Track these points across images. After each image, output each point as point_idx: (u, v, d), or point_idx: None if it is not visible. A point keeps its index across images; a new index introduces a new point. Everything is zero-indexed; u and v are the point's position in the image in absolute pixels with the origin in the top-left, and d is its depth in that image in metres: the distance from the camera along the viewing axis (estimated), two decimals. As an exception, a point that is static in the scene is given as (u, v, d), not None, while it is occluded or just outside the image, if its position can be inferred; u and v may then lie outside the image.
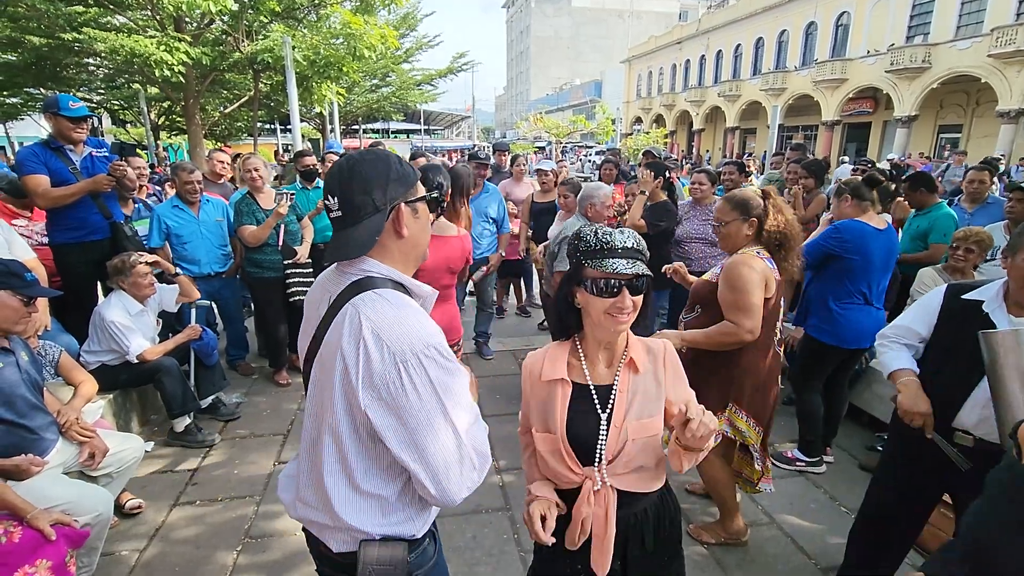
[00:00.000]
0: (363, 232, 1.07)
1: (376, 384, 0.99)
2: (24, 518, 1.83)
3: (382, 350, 0.98)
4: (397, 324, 1.01)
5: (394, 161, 1.11)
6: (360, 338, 0.99)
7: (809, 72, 26.84)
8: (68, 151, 3.30)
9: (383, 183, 1.07)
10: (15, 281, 2.06)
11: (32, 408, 2.12)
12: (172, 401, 3.21)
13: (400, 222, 1.10)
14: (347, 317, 1.02)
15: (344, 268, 1.11)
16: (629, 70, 46.52)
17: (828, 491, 2.95)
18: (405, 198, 1.10)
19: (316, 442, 1.11)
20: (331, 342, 1.04)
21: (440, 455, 1.01)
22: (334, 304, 1.07)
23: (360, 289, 1.05)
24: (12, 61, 11.50)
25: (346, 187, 1.07)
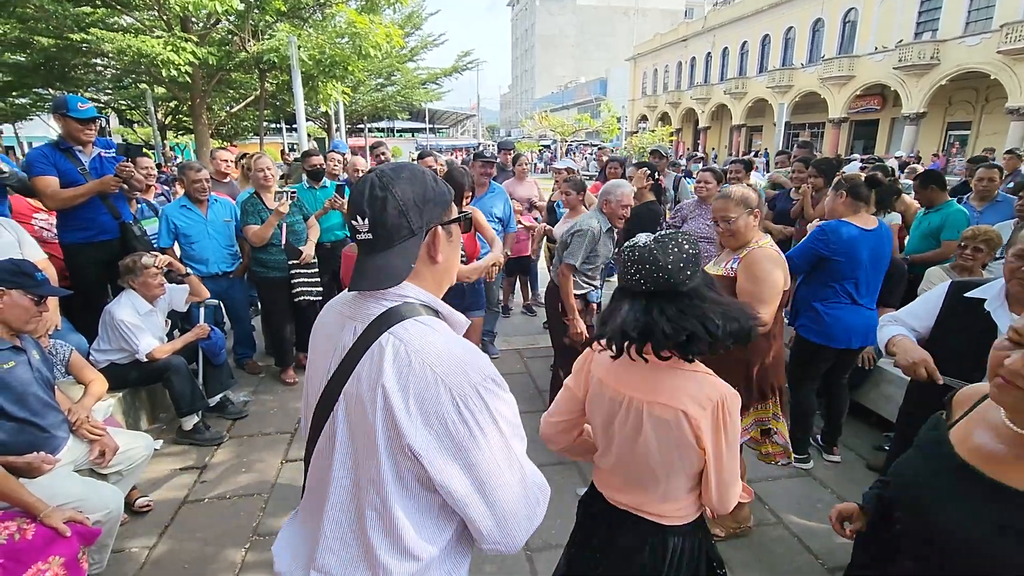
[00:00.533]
0: (397, 258, 0.95)
1: (432, 424, 0.87)
2: (37, 516, 1.85)
3: (437, 385, 0.87)
4: (449, 356, 0.90)
5: (429, 178, 0.99)
6: (409, 373, 0.87)
7: (816, 69, 26.68)
8: (77, 152, 3.32)
9: (419, 203, 0.95)
10: (26, 281, 2.09)
11: (44, 406, 2.14)
12: (181, 399, 3.23)
13: (436, 246, 0.99)
14: (388, 349, 0.90)
15: (372, 294, 0.98)
16: (634, 68, 46.38)
17: (835, 491, 2.94)
18: (440, 220, 0.99)
19: (349, 495, 0.95)
20: (368, 378, 0.90)
21: (507, 496, 0.91)
22: (366, 333, 0.93)
23: (397, 317, 0.93)
24: (21, 62, 11.59)
25: (379, 207, 0.93)
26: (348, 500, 0.95)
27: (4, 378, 2.01)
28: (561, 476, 2.96)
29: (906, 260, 3.96)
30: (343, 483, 0.95)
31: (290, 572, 1.02)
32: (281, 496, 2.88)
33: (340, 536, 0.95)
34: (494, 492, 0.90)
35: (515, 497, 0.92)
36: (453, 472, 0.88)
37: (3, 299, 2.04)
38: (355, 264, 1.00)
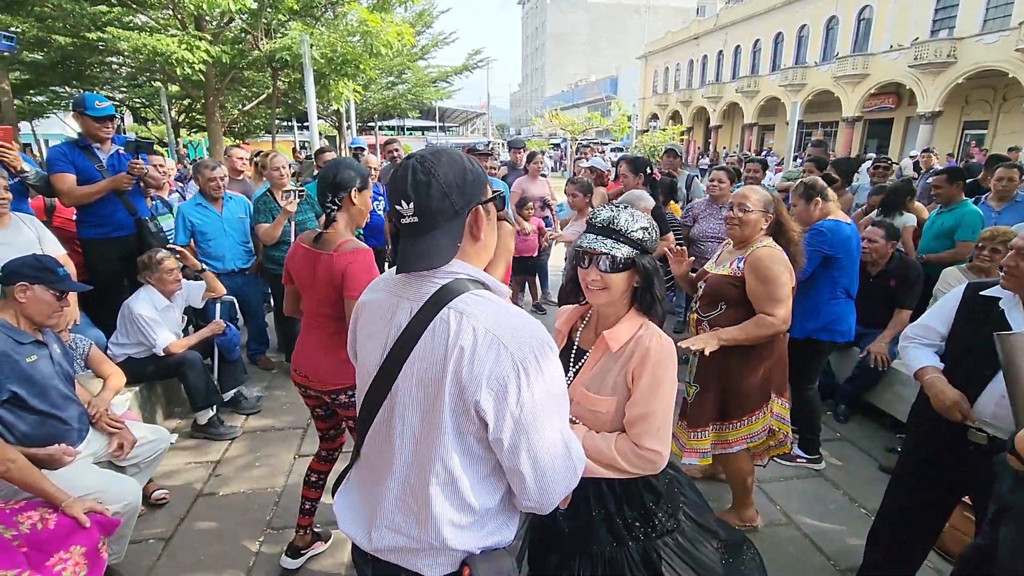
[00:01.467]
0: (444, 238, 1.00)
1: (492, 385, 0.93)
2: (59, 506, 1.89)
3: (499, 351, 0.93)
4: (508, 323, 0.96)
5: (466, 160, 1.03)
6: (473, 341, 0.93)
7: (830, 67, 26.39)
8: (95, 149, 3.38)
9: (460, 185, 0.99)
10: (49, 276, 2.13)
11: (65, 399, 2.18)
12: (196, 394, 3.28)
13: (479, 225, 1.04)
14: (451, 321, 0.96)
15: (419, 273, 1.03)
16: (645, 66, 46.13)
17: (847, 492, 2.92)
18: (480, 199, 1.04)
19: (411, 460, 1.02)
20: (432, 350, 0.97)
21: (551, 456, 0.99)
22: (424, 310, 0.99)
23: (453, 292, 0.98)
24: (39, 60, 11.77)
25: (423, 191, 0.97)
26: (411, 464, 1.03)
27: (27, 371, 2.05)
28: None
29: (919, 260, 3.93)
30: (406, 450, 1.03)
31: (354, 530, 1.11)
32: (294, 490, 2.91)
33: (405, 496, 1.04)
34: (540, 452, 0.97)
35: (558, 459, 1.00)
36: (507, 430, 0.95)
37: (26, 293, 2.08)
38: (400, 248, 1.05)
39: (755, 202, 2.30)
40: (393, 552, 1.06)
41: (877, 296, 3.56)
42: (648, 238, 1.43)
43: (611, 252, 1.39)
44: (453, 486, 1.00)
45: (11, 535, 1.79)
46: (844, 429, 3.56)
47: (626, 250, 1.40)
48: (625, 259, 1.40)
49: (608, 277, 1.41)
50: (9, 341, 2.03)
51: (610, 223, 1.42)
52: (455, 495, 1.01)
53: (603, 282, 1.41)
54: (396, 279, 1.10)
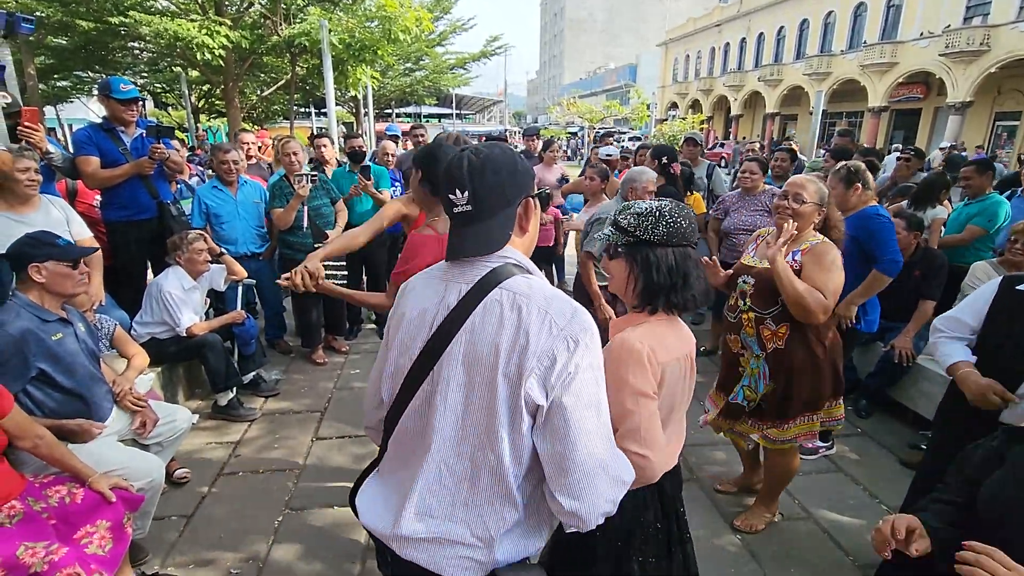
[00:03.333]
0: (496, 228, 1.03)
1: (544, 362, 0.94)
2: (85, 481, 1.93)
3: (551, 328, 0.94)
4: (559, 304, 0.98)
5: (517, 154, 1.07)
6: (526, 318, 0.95)
7: (856, 56, 25.72)
8: (120, 132, 3.42)
9: (512, 175, 1.03)
10: (52, 250, 2.10)
11: (90, 377, 2.22)
12: (216, 375, 3.33)
13: (528, 216, 1.08)
14: (503, 302, 0.98)
15: (477, 259, 1.05)
16: (666, 53, 45.39)
17: (867, 487, 2.88)
18: (529, 192, 1.08)
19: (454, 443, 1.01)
20: (483, 330, 0.98)
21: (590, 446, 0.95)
22: (474, 291, 1.00)
23: (504, 275, 1.01)
24: (63, 45, 11.94)
25: (478, 181, 1.01)
26: (451, 444, 1.01)
27: (54, 349, 2.08)
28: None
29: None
30: (447, 429, 1.01)
31: (379, 521, 1.09)
32: (312, 472, 2.96)
33: (442, 476, 1.02)
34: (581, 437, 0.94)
35: (599, 451, 0.96)
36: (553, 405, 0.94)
37: (42, 273, 2.08)
38: (451, 235, 1.07)
39: (812, 194, 2.21)
40: (419, 544, 1.03)
41: (900, 288, 3.48)
42: (639, 226, 1.37)
43: (605, 239, 1.47)
44: (499, 470, 0.99)
45: (40, 508, 1.84)
46: (864, 424, 3.50)
47: (619, 238, 1.42)
48: (615, 247, 1.44)
49: (609, 264, 1.47)
50: (35, 319, 2.06)
51: (615, 212, 1.47)
52: (500, 481, 0.99)
53: (607, 269, 1.49)
54: (443, 267, 1.12)
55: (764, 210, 3.95)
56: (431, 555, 1.02)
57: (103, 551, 1.86)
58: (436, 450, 1.02)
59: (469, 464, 1.00)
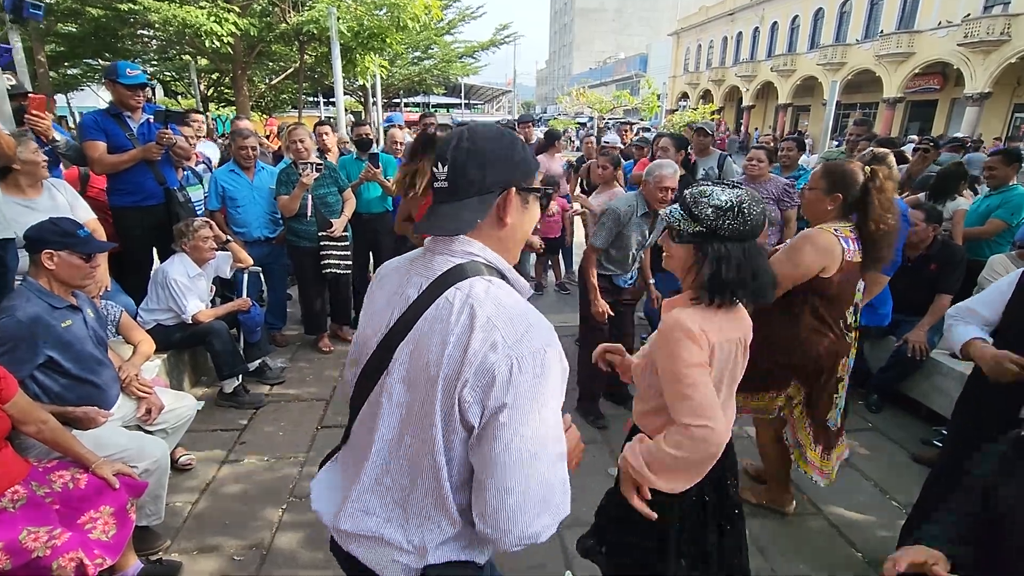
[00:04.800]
0: (465, 210, 0.96)
1: (481, 377, 0.87)
2: (89, 467, 1.93)
3: (495, 343, 0.87)
4: (512, 317, 0.90)
5: (518, 143, 1.01)
6: (470, 327, 0.88)
7: (872, 45, 25.26)
8: (127, 118, 3.40)
9: (498, 162, 0.96)
10: (72, 240, 2.12)
11: (98, 364, 2.22)
12: (222, 363, 3.33)
13: (506, 208, 0.98)
14: (455, 303, 0.91)
15: (439, 249, 0.99)
16: (677, 43, 44.83)
17: (878, 483, 2.83)
18: (518, 184, 0.99)
19: (395, 442, 0.98)
20: (429, 331, 0.92)
21: (520, 474, 0.86)
22: (432, 287, 0.95)
23: (464, 274, 0.94)
24: (73, 32, 11.95)
25: (461, 157, 0.96)
26: (393, 448, 0.98)
27: (63, 336, 2.08)
28: (591, 455, 2.94)
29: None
30: (389, 430, 0.98)
31: (328, 509, 1.08)
32: (317, 460, 2.92)
33: (383, 481, 1.00)
34: (510, 464, 0.86)
35: (531, 481, 0.87)
36: (486, 428, 0.88)
37: (54, 260, 2.08)
38: (427, 210, 1.02)
39: (816, 180, 2.18)
40: (359, 540, 1.01)
41: (916, 281, 3.41)
42: (720, 220, 1.33)
43: (673, 223, 1.43)
44: (435, 477, 0.94)
45: (44, 493, 1.84)
46: (876, 419, 3.45)
47: (689, 225, 1.39)
48: (686, 233, 1.40)
49: (671, 245, 1.46)
50: (45, 306, 2.06)
51: (688, 195, 1.42)
52: (436, 489, 0.95)
53: (668, 249, 1.47)
54: (415, 255, 1.07)
55: (770, 198, 3.90)
56: (369, 552, 1.01)
57: (107, 536, 1.86)
58: (378, 449, 0.99)
59: (408, 467, 0.97)
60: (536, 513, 0.88)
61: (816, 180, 2.18)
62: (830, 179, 2.12)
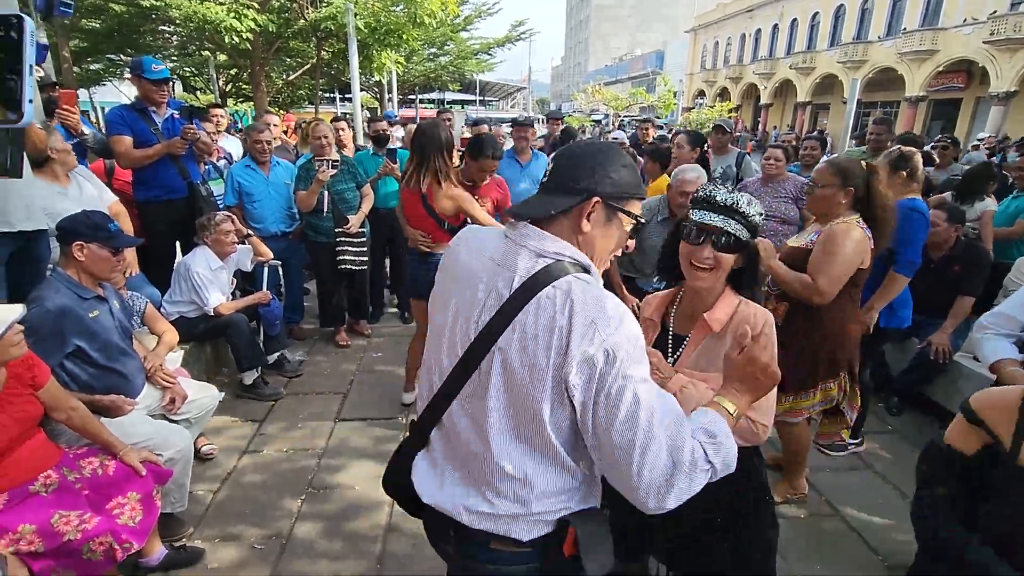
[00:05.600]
0: (549, 202, 1.04)
1: (583, 369, 0.92)
2: (117, 454, 1.98)
3: (595, 335, 0.92)
4: (605, 310, 0.94)
5: (626, 162, 1.06)
6: (570, 321, 0.93)
7: (894, 43, 24.81)
8: (151, 113, 3.46)
9: (596, 172, 1.02)
10: (102, 233, 2.16)
11: (123, 353, 2.27)
12: (242, 355, 3.38)
13: (586, 214, 1.03)
14: (555, 300, 0.95)
15: (526, 243, 1.03)
16: (694, 40, 44.38)
17: (897, 487, 2.80)
18: (608, 197, 1.03)
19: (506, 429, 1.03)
20: (533, 327, 0.96)
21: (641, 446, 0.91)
22: (527, 286, 0.98)
23: (558, 272, 0.98)
24: (96, 28, 12.12)
25: (566, 160, 1.06)
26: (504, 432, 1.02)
27: (90, 326, 2.13)
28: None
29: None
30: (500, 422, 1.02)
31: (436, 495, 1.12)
32: (334, 453, 2.99)
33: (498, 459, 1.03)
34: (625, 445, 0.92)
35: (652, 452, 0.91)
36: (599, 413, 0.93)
37: (83, 252, 2.13)
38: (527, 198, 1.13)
39: (827, 177, 2.24)
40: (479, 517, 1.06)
41: (938, 283, 3.36)
42: (760, 220, 1.45)
43: (729, 230, 1.39)
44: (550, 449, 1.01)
45: (74, 478, 1.88)
46: (896, 422, 3.41)
47: (743, 232, 1.41)
48: (740, 240, 1.41)
49: (721, 256, 1.40)
50: (73, 296, 2.11)
51: (733, 204, 1.40)
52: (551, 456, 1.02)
53: (715, 261, 1.40)
54: (497, 240, 1.09)
55: (788, 197, 3.86)
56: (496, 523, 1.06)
57: (133, 522, 1.90)
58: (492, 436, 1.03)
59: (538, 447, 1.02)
60: (667, 478, 0.91)
61: (828, 178, 2.25)
62: (843, 175, 2.22)
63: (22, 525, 1.67)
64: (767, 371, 1.10)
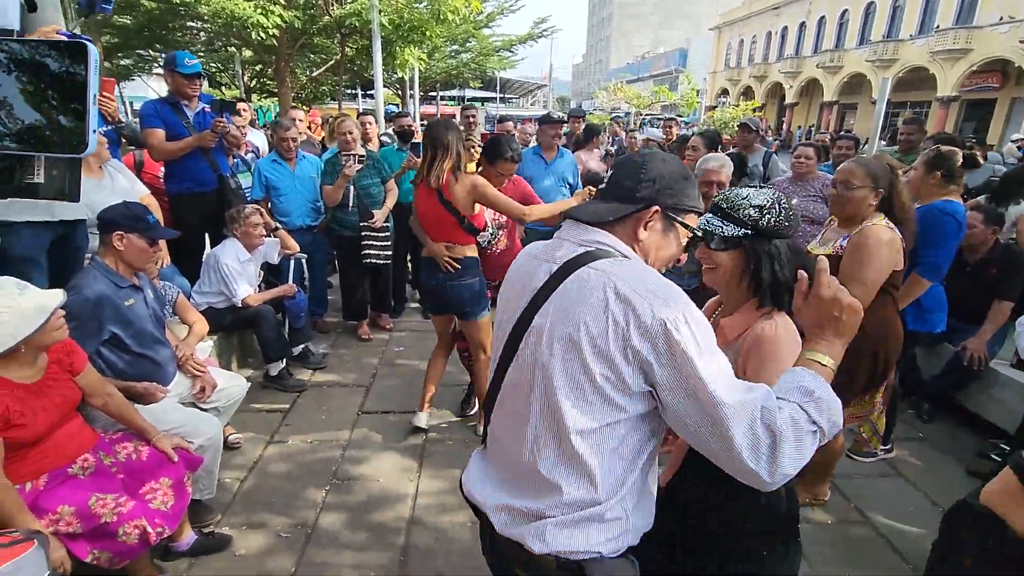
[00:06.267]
0: (607, 207, 1.04)
1: (642, 345, 0.89)
2: (150, 439, 2.02)
3: (643, 308, 0.89)
4: (652, 282, 0.93)
5: (687, 175, 1.07)
6: (613, 297, 0.91)
7: (926, 41, 24.20)
8: (184, 107, 3.52)
9: (656, 181, 1.03)
10: (141, 224, 2.22)
11: (156, 342, 2.31)
12: (268, 346, 3.43)
13: (644, 222, 1.03)
14: (589, 281, 0.94)
15: (570, 237, 1.04)
16: (718, 38, 43.79)
17: (929, 495, 2.73)
18: (667, 207, 1.04)
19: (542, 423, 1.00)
20: (566, 308, 0.95)
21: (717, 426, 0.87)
22: (559, 271, 0.98)
23: (592, 257, 0.98)
24: (127, 24, 12.38)
25: (625, 169, 1.07)
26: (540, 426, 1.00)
27: (126, 314, 2.18)
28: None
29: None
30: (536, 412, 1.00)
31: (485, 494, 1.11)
32: (358, 445, 3.01)
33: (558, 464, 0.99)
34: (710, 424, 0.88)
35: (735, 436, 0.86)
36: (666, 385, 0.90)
37: (123, 242, 2.18)
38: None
39: (862, 178, 2.17)
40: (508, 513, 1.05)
41: (974, 286, 3.27)
42: (764, 218, 1.31)
43: (715, 230, 1.33)
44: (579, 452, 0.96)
45: (109, 462, 1.93)
46: (927, 429, 3.32)
47: (732, 229, 1.32)
48: (730, 238, 1.32)
49: (714, 255, 1.35)
50: (110, 285, 2.16)
51: (723, 201, 1.36)
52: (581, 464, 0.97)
53: (710, 260, 1.37)
54: (548, 242, 1.11)
55: (818, 196, 3.79)
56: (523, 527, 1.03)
57: (165, 507, 1.94)
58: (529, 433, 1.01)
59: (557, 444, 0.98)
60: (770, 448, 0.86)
61: (863, 179, 2.19)
62: (874, 177, 2.17)
63: (61, 506, 1.71)
64: (843, 305, 0.97)
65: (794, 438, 0.87)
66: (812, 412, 0.89)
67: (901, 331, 2.36)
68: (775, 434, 0.86)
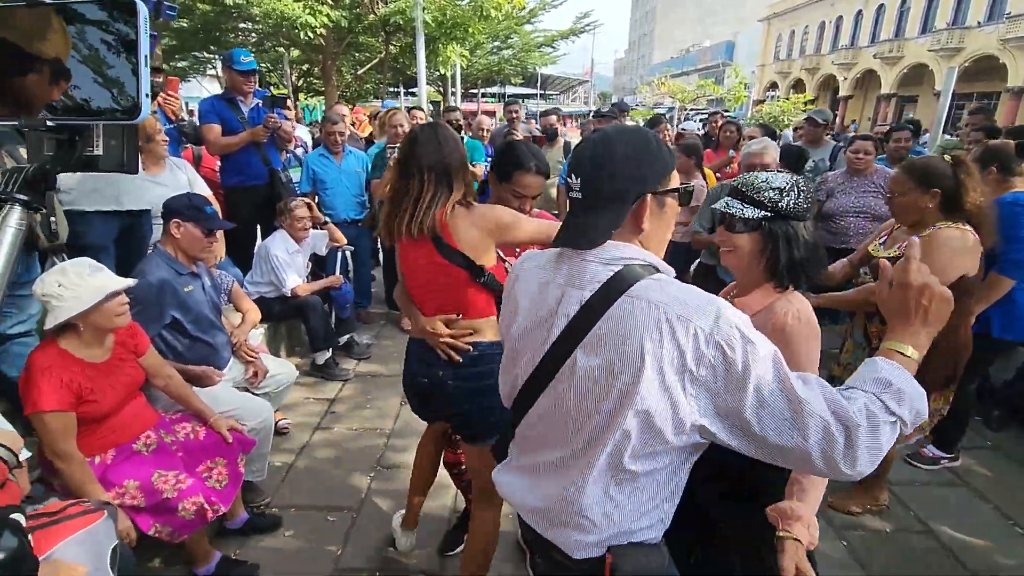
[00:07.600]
0: (600, 220, 0.96)
1: (703, 372, 0.86)
2: (206, 421, 2.10)
3: (698, 336, 0.85)
4: (698, 306, 0.88)
5: (653, 143, 0.98)
6: (668, 328, 0.86)
7: (996, 28, 22.71)
8: (239, 102, 3.64)
9: (634, 169, 0.95)
10: (198, 214, 2.31)
11: (213, 327, 2.41)
12: (315, 335, 3.52)
13: (643, 215, 0.97)
14: (635, 309, 0.89)
15: (588, 256, 0.97)
16: (768, 30, 42.33)
17: (999, 507, 2.57)
18: (653, 189, 0.97)
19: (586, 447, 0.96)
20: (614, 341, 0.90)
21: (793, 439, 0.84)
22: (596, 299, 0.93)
23: (630, 280, 0.92)
24: (184, 27, 12.94)
25: (595, 169, 0.95)
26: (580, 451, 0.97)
27: (185, 300, 2.27)
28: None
29: None
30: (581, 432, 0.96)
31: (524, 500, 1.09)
32: (400, 434, 3.06)
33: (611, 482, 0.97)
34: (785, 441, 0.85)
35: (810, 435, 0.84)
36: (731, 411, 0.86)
37: (180, 230, 2.28)
38: (564, 221, 1.03)
39: (902, 182, 2.07)
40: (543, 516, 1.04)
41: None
42: (784, 200, 1.30)
43: (735, 212, 1.33)
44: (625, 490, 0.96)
45: (170, 440, 2.02)
46: (996, 437, 3.12)
47: (751, 211, 1.32)
48: (750, 220, 1.32)
49: (734, 237, 1.36)
50: (171, 272, 2.26)
51: (741, 184, 1.36)
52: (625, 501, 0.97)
53: (730, 242, 1.37)
54: (555, 259, 1.05)
55: (876, 191, 3.58)
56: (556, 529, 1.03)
57: (220, 486, 2.02)
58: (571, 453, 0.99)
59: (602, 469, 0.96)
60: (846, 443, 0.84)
61: (901, 183, 2.08)
62: (915, 176, 2.05)
63: (127, 480, 1.80)
64: (933, 292, 0.91)
65: (869, 430, 0.84)
66: (891, 403, 0.86)
67: (969, 340, 2.24)
68: (848, 428, 0.83)
